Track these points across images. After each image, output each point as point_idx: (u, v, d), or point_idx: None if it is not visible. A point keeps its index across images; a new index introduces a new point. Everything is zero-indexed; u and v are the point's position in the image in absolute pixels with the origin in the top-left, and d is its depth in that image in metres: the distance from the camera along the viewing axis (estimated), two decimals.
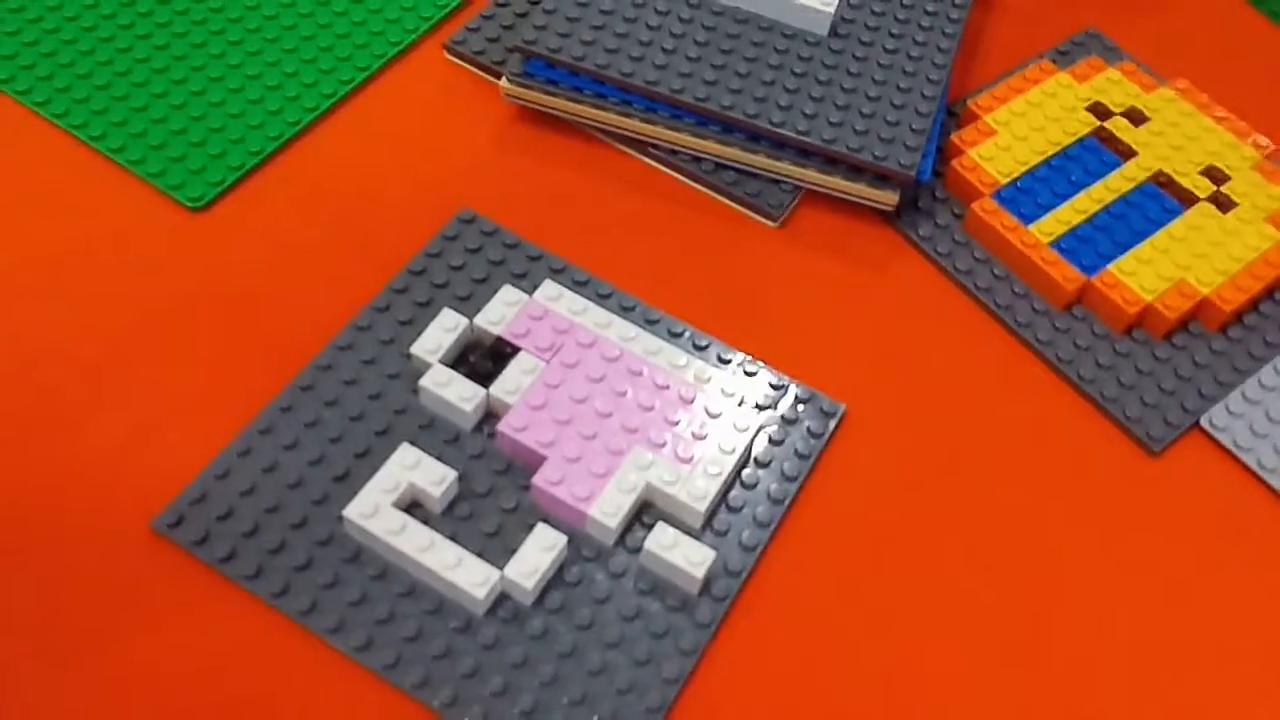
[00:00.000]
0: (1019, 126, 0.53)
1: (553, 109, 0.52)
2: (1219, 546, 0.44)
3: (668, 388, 0.44)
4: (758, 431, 0.44)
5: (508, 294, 0.46)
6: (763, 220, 0.51)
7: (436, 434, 0.43)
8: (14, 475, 0.41)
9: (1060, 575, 0.43)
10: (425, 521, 0.40)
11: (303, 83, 0.52)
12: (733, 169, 0.51)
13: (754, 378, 0.46)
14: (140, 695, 0.37)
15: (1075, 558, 0.43)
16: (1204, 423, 0.47)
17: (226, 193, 0.49)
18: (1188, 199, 0.52)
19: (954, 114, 0.55)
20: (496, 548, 0.40)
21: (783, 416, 0.45)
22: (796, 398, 0.46)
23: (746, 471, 0.43)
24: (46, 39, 0.52)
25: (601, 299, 0.47)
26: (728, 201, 0.51)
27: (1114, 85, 0.55)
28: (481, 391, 0.43)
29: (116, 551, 0.39)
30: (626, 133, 0.52)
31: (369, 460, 0.42)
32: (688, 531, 0.42)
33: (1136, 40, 0.59)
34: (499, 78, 0.53)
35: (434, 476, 0.41)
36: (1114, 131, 0.53)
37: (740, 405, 0.44)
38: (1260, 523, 0.45)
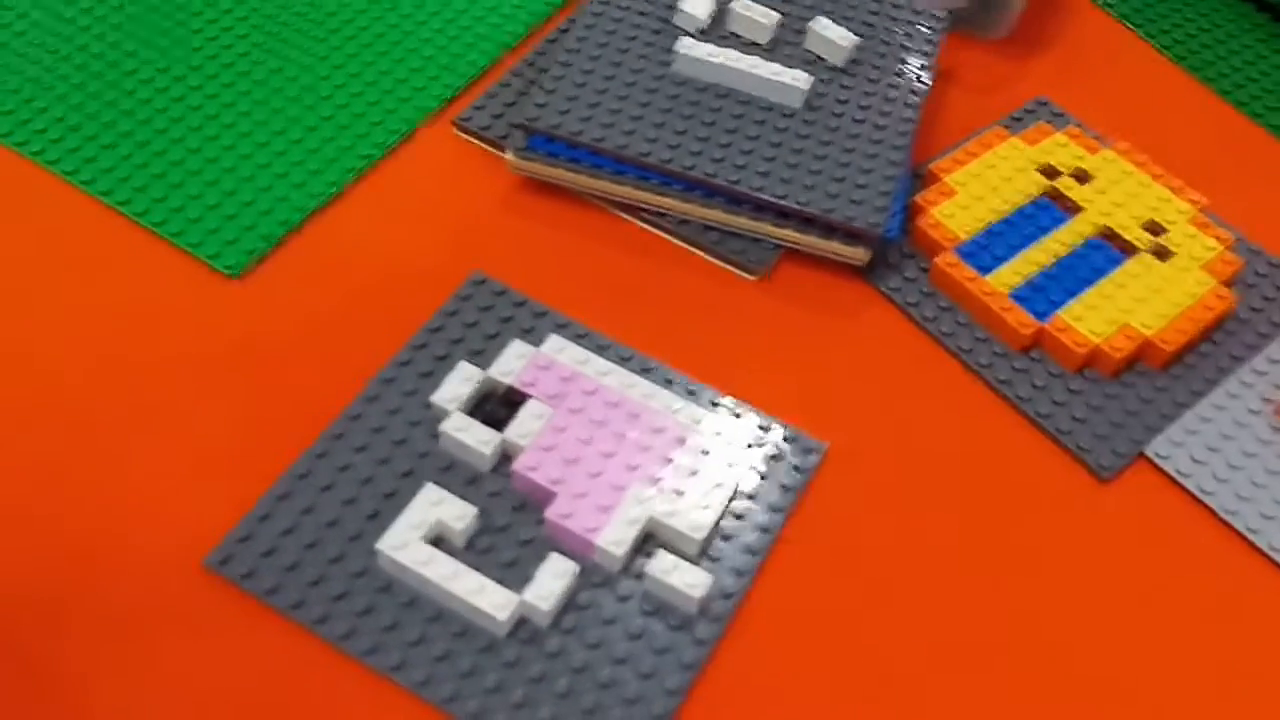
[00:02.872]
0: (976, 187, 0.58)
1: (554, 179, 0.57)
2: (1165, 564, 0.49)
3: (664, 429, 0.48)
4: (747, 468, 0.49)
5: (517, 348, 0.50)
6: (746, 276, 0.56)
7: (457, 475, 0.47)
8: (79, 523, 0.45)
9: (1022, 592, 0.47)
10: (450, 554, 0.45)
11: (326, 159, 0.57)
12: (718, 230, 0.56)
13: (741, 419, 0.51)
14: (195, 712, 0.41)
15: (1035, 576, 0.48)
16: (1149, 452, 0.52)
17: (260, 261, 0.53)
18: (1130, 250, 0.57)
19: (918, 176, 0.60)
20: (514, 576, 0.45)
21: (769, 454, 0.50)
22: (781, 437, 0.50)
23: (737, 504, 0.48)
24: (88, 124, 0.57)
25: (602, 350, 0.52)
26: (714, 260, 0.56)
27: (1061, 148, 0.60)
28: (497, 436, 0.47)
29: (173, 586, 0.43)
30: (621, 199, 0.57)
31: (396, 500, 0.46)
32: (685, 558, 0.46)
33: (1081, 106, 0.65)
34: (504, 151, 0.58)
35: (456, 513, 0.45)
36: (1062, 190, 0.59)
37: (730, 444, 0.49)
38: (1201, 541, 0.50)
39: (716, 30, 0.61)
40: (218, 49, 0.61)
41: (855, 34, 0.61)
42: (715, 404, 0.51)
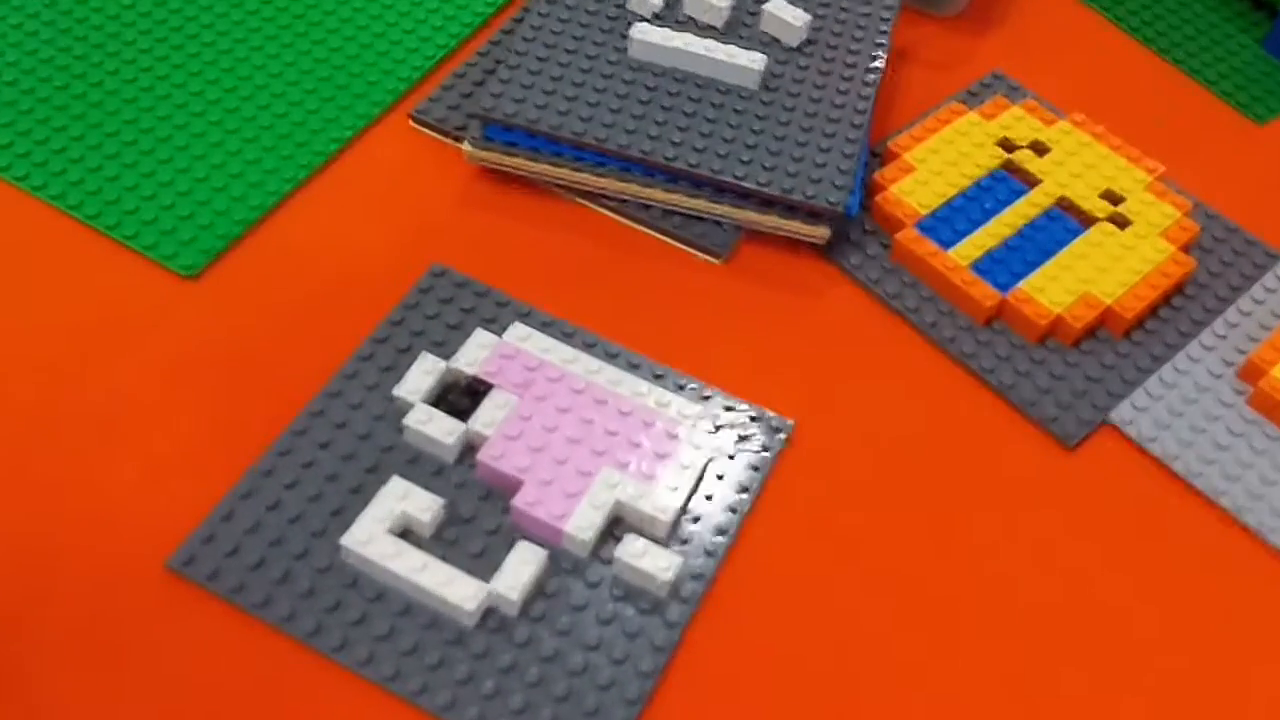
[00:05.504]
0: (935, 162, 0.59)
1: (512, 168, 0.57)
2: (1132, 528, 0.49)
3: (630, 414, 0.48)
4: (714, 449, 0.48)
5: (480, 337, 0.50)
6: (709, 259, 0.56)
7: (422, 467, 0.47)
8: (40, 527, 0.44)
9: (993, 561, 0.48)
10: (417, 546, 0.44)
11: (281, 156, 0.57)
12: (679, 214, 0.56)
13: (708, 401, 0.50)
14: (163, 716, 0.40)
15: (1005, 545, 0.48)
16: (1113, 418, 0.52)
17: (216, 260, 0.53)
18: (1088, 220, 0.57)
19: (876, 154, 0.60)
20: (482, 566, 0.44)
21: (736, 435, 0.50)
22: (748, 417, 0.50)
23: (705, 485, 0.48)
24: (38, 129, 0.56)
25: (566, 337, 0.52)
26: (676, 243, 0.56)
27: (1018, 121, 0.61)
28: (461, 426, 0.47)
29: (137, 589, 0.43)
30: (581, 186, 0.56)
31: (361, 495, 0.46)
32: (655, 541, 0.46)
33: (1037, 79, 0.65)
34: (461, 142, 0.58)
35: (422, 504, 0.45)
36: (1020, 163, 0.59)
37: (696, 426, 0.49)
38: (1167, 505, 0.50)
39: (672, 14, 0.61)
40: (168, 49, 0.60)
41: (810, 14, 0.61)
42: (681, 387, 0.51)
